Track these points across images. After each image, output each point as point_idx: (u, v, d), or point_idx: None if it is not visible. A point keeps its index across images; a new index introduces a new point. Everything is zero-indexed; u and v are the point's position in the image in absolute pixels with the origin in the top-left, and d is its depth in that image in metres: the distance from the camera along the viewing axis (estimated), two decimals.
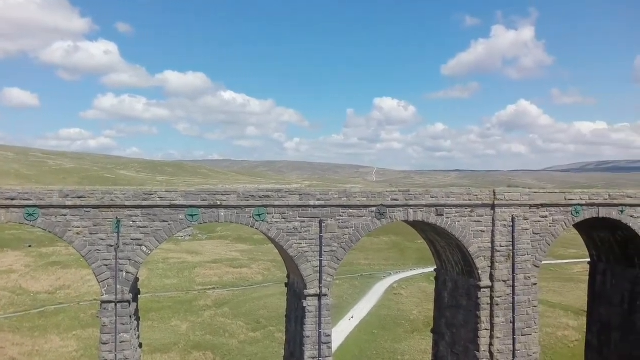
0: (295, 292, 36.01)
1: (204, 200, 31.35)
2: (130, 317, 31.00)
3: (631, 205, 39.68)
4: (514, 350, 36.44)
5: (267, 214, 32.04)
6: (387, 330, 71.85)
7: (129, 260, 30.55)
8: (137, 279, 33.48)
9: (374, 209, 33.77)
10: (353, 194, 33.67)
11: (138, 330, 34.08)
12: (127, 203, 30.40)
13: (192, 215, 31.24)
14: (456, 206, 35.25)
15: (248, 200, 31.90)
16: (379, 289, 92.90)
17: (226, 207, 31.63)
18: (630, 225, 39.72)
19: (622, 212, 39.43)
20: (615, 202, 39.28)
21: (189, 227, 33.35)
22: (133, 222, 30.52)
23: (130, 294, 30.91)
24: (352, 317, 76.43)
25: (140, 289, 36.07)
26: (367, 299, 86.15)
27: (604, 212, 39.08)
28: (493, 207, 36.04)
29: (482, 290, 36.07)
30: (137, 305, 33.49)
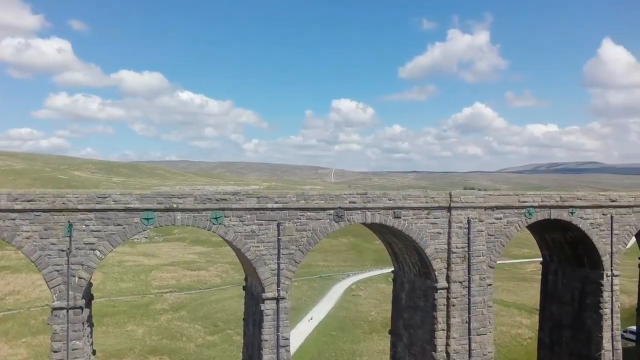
0: (253, 295, 35.75)
1: (159, 203, 30.80)
2: (83, 323, 30.19)
3: (581, 207, 40.90)
4: (469, 350, 37.07)
5: (225, 217, 31.71)
6: (345, 331, 72.03)
7: (82, 265, 29.75)
8: (90, 284, 32.64)
9: (331, 211, 33.83)
10: (311, 196, 33.65)
11: (91, 337, 33.24)
12: (79, 206, 29.59)
13: (147, 219, 30.65)
14: (413, 208, 35.63)
15: (205, 204, 31.50)
16: (338, 290, 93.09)
17: (182, 210, 31.16)
18: (580, 226, 40.95)
19: (572, 213, 40.60)
20: (566, 204, 40.42)
21: (144, 230, 32.74)
22: (86, 225, 29.73)
23: (83, 300, 30.10)
24: (311, 318, 76.46)
25: (94, 294, 35.19)
26: (325, 301, 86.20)
27: (555, 214, 40.18)
28: (449, 209, 36.58)
29: (438, 291, 36.58)
30: (91, 311, 32.66)
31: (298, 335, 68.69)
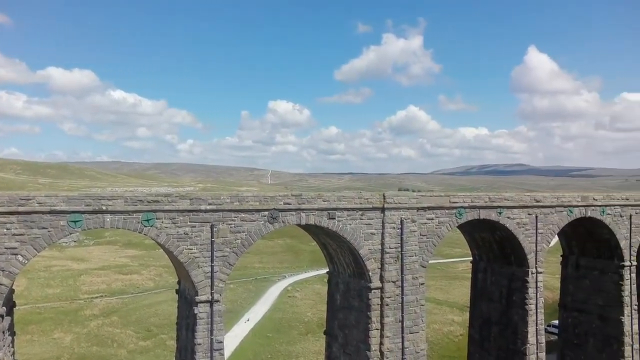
0: (186, 298, 35.09)
1: (87, 205, 29.71)
2: (4, 332, 28.75)
3: (508, 207, 42.41)
4: (402, 348, 37.70)
5: (156, 219, 30.96)
6: (281, 333, 71.96)
7: (3, 270, 28.30)
8: (12, 291, 31.15)
9: (266, 213, 33.66)
10: (245, 198, 33.38)
11: (13, 347, 31.69)
12: (0, 209, 28.17)
13: (74, 222, 29.51)
14: (347, 209, 35.93)
15: (136, 205, 30.65)
16: (274, 292, 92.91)
17: (112, 212, 30.18)
18: (507, 225, 42.45)
19: (500, 213, 42.04)
20: (495, 204, 41.81)
21: (71, 233, 31.53)
22: (7, 229, 28.29)
23: (4, 308, 28.64)
24: (248, 320, 76.16)
25: (17, 301, 33.60)
26: (261, 303, 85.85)
27: (484, 214, 41.47)
28: (383, 210, 37.10)
29: (372, 291, 37.01)
30: (12, 319, 31.17)
31: (233, 338, 68.12)
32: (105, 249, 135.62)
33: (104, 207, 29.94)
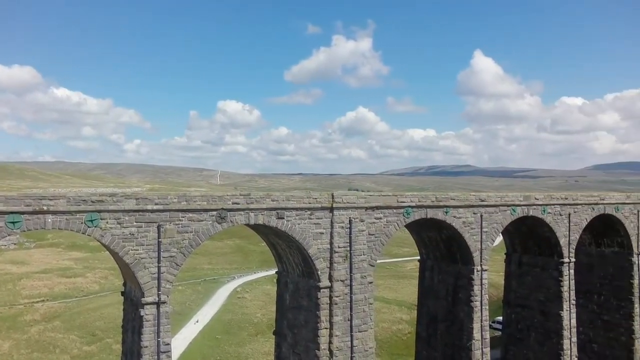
0: (132, 300, 34.39)
1: (27, 205, 28.72)
2: None
3: (454, 207, 43.36)
4: (351, 347, 38.00)
5: (101, 219, 30.21)
6: (231, 334, 71.32)
7: None
8: None
9: (214, 212, 33.34)
10: (193, 197, 32.98)
11: None
12: None
13: (13, 223, 28.46)
14: (296, 209, 35.98)
15: (79, 205, 29.82)
16: (223, 293, 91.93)
17: (54, 212, 29.26)
18: (453, 224, 43.39)
19: (446, 212, 42.92)
20: (441, 204, 42.66)
21: (10, 235, 30.39)
22: None
23: None
24: (197, 321, 75.26)
25: None
26: (210, 304, 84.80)
27: (431, 213, 42.26)
28: (331, 209, 37.32)
29: (321, 290, 37.17)
30: None
31: (182, 340, 67.11)
32: (48, 252, 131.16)
33: (45, 208, 29.01)
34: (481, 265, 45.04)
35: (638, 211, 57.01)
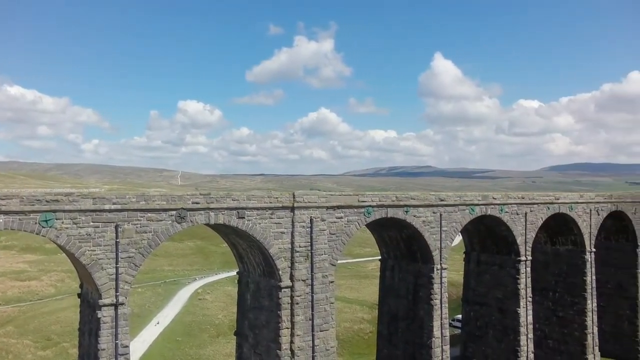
0: (89, 302, 33.66)
1: None
2: None
3: (414, 206, 43.84)
4: (313, 346, 38.03)
5: (56, 219, 29.49)
6: (191, 336, 70.55)
7: None
8: None
9: (174, 212, 32.93)
10: (152, 197, 32.49)
11: None
12: None
13: None
14: (257, 209, 35.83)
15: (33, 205, 29.04)
16: (184, 294, 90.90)
17: (6, 212, 28.42)
18: (413, 224, 43.88)
19: (407, 212, 43.37)
20: (401, 203, 43.08)
21: None
22: None
23: None
24: (158, 323, 74.27)
25: None
26: (171, 306, 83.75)
27: (391, 213, 42.64)
28: (292, 209, 37.29)
29: (282, 290, 37.11)
30: None
31: (142, 343, 66.13)
32: (0, 255, 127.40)
33: None
34: (441, 263, 45.66)
35: (590, 210, 58.72)
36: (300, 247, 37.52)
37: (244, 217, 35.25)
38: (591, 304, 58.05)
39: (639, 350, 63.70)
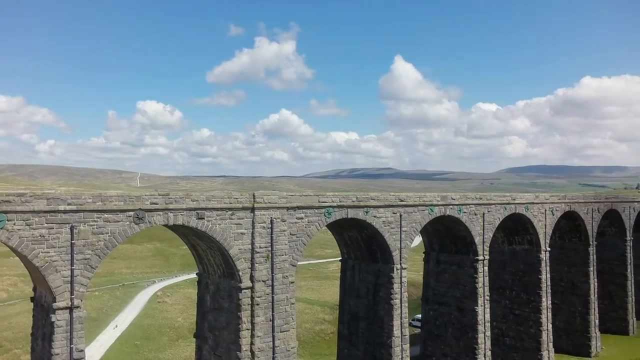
0: (42, 306, 32.77)
1: None
2: None
3: (374, 207, 44.15)
4: (273, 347, 37.89)
5: (7, 220, 28.60)
6: (150, 340, 69.49)
7: None
8: None
9: (131, 213, 32.34)
10: (109, 197, 31.83)
11: None
12: None
13: None
14: (217, 209, 35.51)
15: None
16: (143, 297, 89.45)
17: None
18: (374, 224, 44.18)
19: (367, 212, 43.64)
20: (362, 203, 43.33)
21: None
22: None
23: None
24: (116, 326, 72.97)
25: None
26: (129, 309, 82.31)
27: (352, 213, 42.83)
28: (253, 210, 37.09)
29: (243, 291, 36.87)
30: None
31: (98, 347, 64.85)
32: None
33: None
34: (401, 263, 46.08)
35: (545, 211, 60.22)
36: (260, 247, 37.34)
37: (204, 218, 34.89)
38: (546, 301, 59.51)
39: (590, 346, 65.74)
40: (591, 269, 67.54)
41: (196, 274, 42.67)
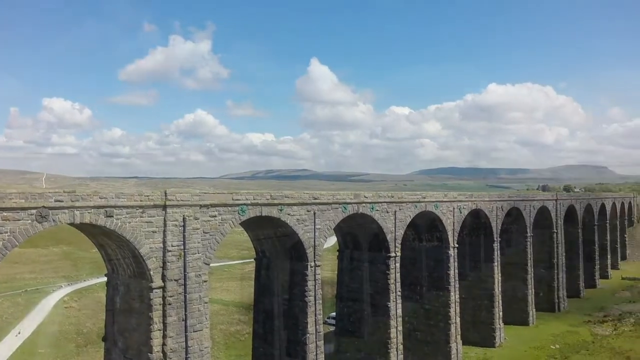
0: None
1: None
2: None
3: (288, 205, 44.39)
4: (186, 347, 37.19)
5: None
6: (56, 347, 66.40)
7: None
8: None
9: (34, 211, 30.78)
10: (8, 194, 30.11)
11: None
12: None
13: None
14: (127, 207, 34.46)
15: None
16: (48, 303, 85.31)
17: None
18: (288, 222, 44.43)
19: (281, 210, 43.82)
20: (276, 201, 43.45)
21: None
22: None
23: None
24: (19, 333, 69.24)
25: None
26: (32, 316, 78.23)
27: (266, 211, 42.86)
28: (164, 207, 36.30)
29: (154, 291, 35.93)
30: None
31: None
32: None
33: None
34: (315, 261, 46.54)
35: (454, 209, 62.77)
36: (172, 246, 36.58)
37: (113, 216, 33.73)
38: (454, 295, 62.01)
39: (494, 337, 69.17)
40: (495, 264, 71.08)
41: (105, 275, 41.24)
